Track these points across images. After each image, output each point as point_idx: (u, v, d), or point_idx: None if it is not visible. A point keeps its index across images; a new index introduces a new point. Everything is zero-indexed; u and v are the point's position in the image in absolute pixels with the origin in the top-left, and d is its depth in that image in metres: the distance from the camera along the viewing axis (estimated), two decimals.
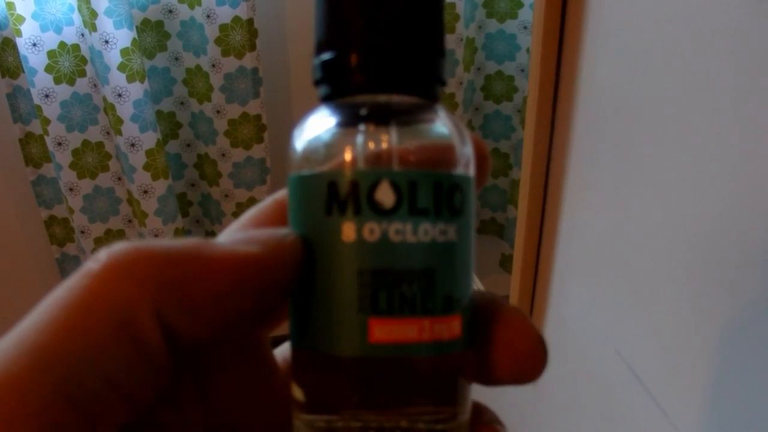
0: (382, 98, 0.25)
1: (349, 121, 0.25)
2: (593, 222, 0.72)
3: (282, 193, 0.27)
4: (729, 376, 0.50)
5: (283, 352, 0.29)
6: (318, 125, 0.25)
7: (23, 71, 1.31)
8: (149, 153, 1.36)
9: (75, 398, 0.19)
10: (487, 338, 0.25)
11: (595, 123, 0.70)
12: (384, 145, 0.24)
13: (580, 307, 0.78)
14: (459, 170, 0.25)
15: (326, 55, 0.25)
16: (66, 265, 1.55)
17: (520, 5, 1.43)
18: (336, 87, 0.25)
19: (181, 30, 1.37)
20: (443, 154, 0.25)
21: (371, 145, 0.24)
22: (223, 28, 1.31)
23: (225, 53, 1.34)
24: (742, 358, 0.48)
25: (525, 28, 1.46)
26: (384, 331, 0.23)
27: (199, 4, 1.31)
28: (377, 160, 0.24)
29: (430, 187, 0.23)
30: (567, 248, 0.80)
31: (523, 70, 1.51)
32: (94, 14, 1.22)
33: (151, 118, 1.35)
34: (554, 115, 0.79)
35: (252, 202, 1.48)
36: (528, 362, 0.24)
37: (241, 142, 1.43)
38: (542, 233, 0.87)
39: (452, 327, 0.24)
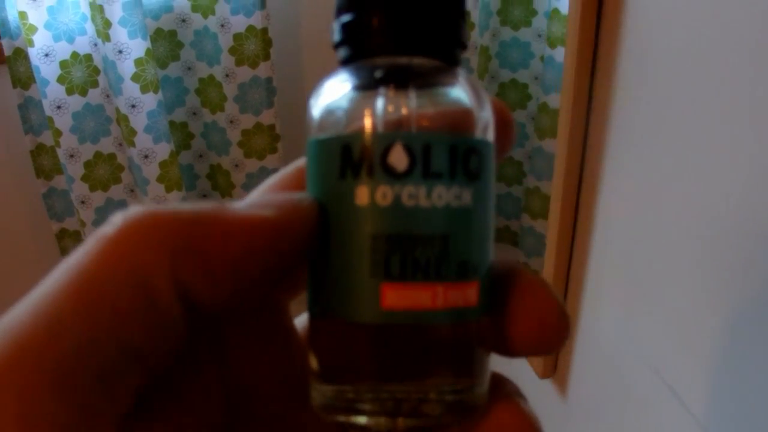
0: (401, 61, 0.25)
1: (366, 84, 0.25)
2: (627, 236, 0.71)
3: (304, 160, 0.26)
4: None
5: (303, 321, 0.28)
6: (334, 89, 0.25)
7: (35, 82, 1.29)
8: (163, 164, 1.35)
9: (91, 363, 0.19)
10: (506, 307, 0.24)
11: (628, 131, 0.70)
12: (401, 109, 0.24)
13: (613, 322, 0.76)
14: (477, 134, 0.24)
15: (345, 17, 0.25)
16: None
17: (534, 13, 1.41)
18: (354, 49, 0.25)
19: (194, 39, 1.36)
20: (461, 117, 0.24)
21: (388, 109, 0.24)
22: (237, 37, 1.30)
23: (239, 63, 1.32)
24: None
25: (539, 36, 1.44)
26: (396, 296, 0.22)
27: (213, 14, 1.30)
28: (392, 123, 0.23)
29: (445, 150, 0.23)
30: (599, 263, 0.79)
31: (536, 78, 1.49)
32: (108, 24, 1.21)
33: (165, 128, 1.34)
34: (587, 127, 0.78)
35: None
36: (548, 332, 0.24)
37: (254, 152, 1.42)
38: (573, 248, 0.86)
39: (468, 294, 0.23)
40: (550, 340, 0.24)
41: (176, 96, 1.41)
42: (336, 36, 0.25)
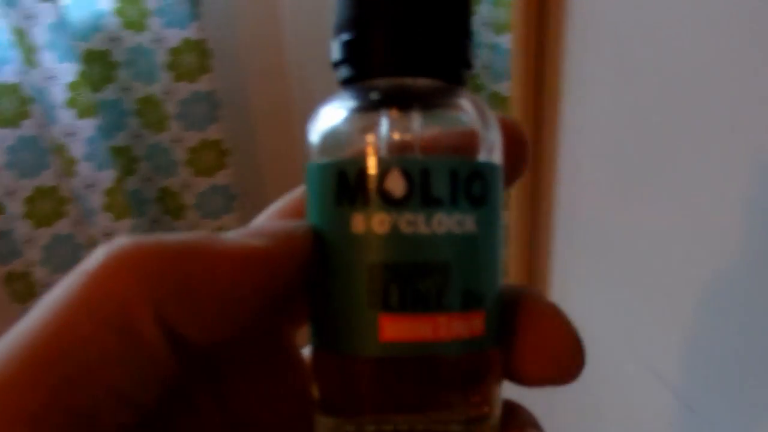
0: (403, 82, 0.24)
1: (366, 106, 0.24)
2: (589, 220, 0.73)
3: None
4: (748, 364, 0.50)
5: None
6: (333, 111, 0.24)
7: None
8: (108, 192, 1.29)
9: (72, 401, 0.18)
10: (518, 336, 0.24)
11: (582, 112, 0.70)
12: (402, 132, 0.23)
13: (582, 301, 0.78)
14: (481, 157, 0.24)
15: (345, 35, 0.24)
16: None
17: (479, 0, 1.40)
18: (354, 70, 0.24)
19: (128, 58, 1.30)
20: (464, 140, 0.24)
21: (388, 132, 0.23)
22: (173, 52, 1.26)
23: (178, 78, 1.28)
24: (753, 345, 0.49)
25: (485, 24, 1.43)
26: (396, 328, 0.22)
27: (146, 29, 1.25)
28: (393, 147, 0.23)
29: (445, 175, 0.22)
30: (564, 248, 0.80)
31: (486, 67, 1.48)
32: (33, 49, 1.15)
33: (106, 155, 1.28)
34: (540, 110, 0.78)
35: (221, 231, 1.42)
36: (563, 363, 0.23)
37: (203, 170, 1.38)
38: (536, 236, 0.86)
39: (473, 324, 0.23)
40: (565, 370, 0.23)
41: (115, 119, 1.35)
42: (335, 55, 0.25)
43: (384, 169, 0.22)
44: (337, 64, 0.25)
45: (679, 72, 0.52)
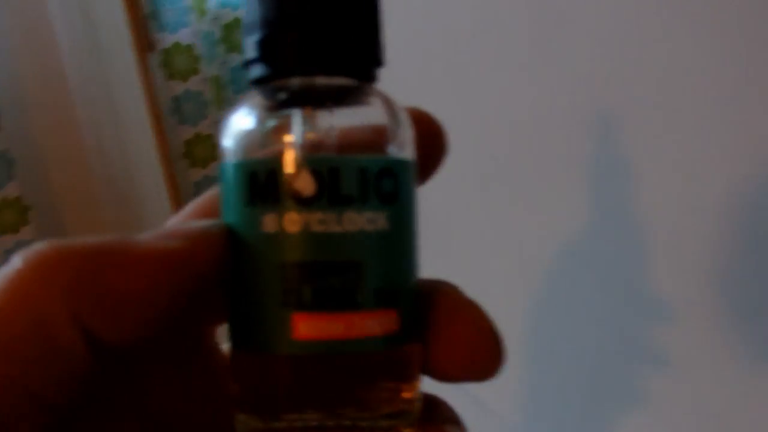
0: (313, 80, 0.24)
1: (275, 106, 0.24)
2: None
3: None
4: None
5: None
6: (244, 112, 0.24)
7: None
8: None
9: None
10: (434, 331, 0.23)
11: None
12: (313, 130, 0.23)
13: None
14: (392, 153, 0.24)
15: (255, 35, 0.24)
16: None
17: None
18: (264, 69, 0.24)
19: None
20: (373, 136, 0.24)
21: (299, 131, 0.23)
22: None
23: None
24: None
25: None
26: (309, 327, 0.22)
27: None
28: (303, 146, 0.23)
29: (354, 173, 0.22)
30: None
31: None
32: None
33: None
34: None
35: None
36: (480, 359, 0.23)
37: (6, 228, 1.35)
38: None
39: (386, 322, 0.22)
40: (484, 365, 0.23)
41: None
42: (246, 54, 0.24)
43: (293, 169, 0.22)
44: (247, 63, 0.24)
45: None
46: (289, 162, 0.22)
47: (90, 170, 1.45)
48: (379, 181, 0.23)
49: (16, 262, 0.20)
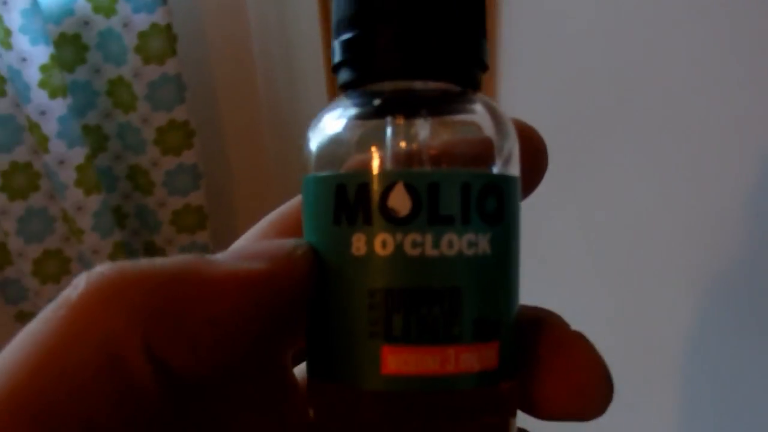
0: (409, 86, 0.22)
1: (369, 113, 0.22)
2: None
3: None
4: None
5: (302, 370, 0.25)
6: (333, 119, 0.22)
7: None
8: (79, 169, 1.35)
9: None
10: (539, 366, 0.21)
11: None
12: (408, 142, 0.21)
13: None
14: (497, 169, 0.22)
15: (346, 35, 0.22)
16: (7, 288, 1.52)
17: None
18: (356, 72, 0.22)
19: (99, 41, 1.36)
20: (477, 150, 0.22)
21: (391, 142, 0.21)
22: (141, 35, 1.31)
23: (146, 61, 1.33)
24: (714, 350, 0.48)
25: None
26: (399, 361, 0.20)
27: (115, 13, 1.31)
28: (399, 159, 0.21)
29: (456, 190, 0.20)
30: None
31: None
32: (8, 32, 1.21)
33: (78, 133, 1.34)
34: None
35: (187, 208, 1.48)
36: (590, 396, 0.21)
37: (170, 149, 1.42)
38: None
39: (486, 357, 0.20)
40: (592, 404, 0.21)
41: (87, 99, 1.41)
42: (335, 56, 0.22)
43: (387, 184, 0.20)
44: (337, 67, 0.23)
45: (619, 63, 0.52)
46: (382, 176, 0.20)
47: (257, 105, 1.50)
48: (483, 199, 0.20)
49: (80, 284, 0.18)
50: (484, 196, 0.20)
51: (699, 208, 0.45)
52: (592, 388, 0.21)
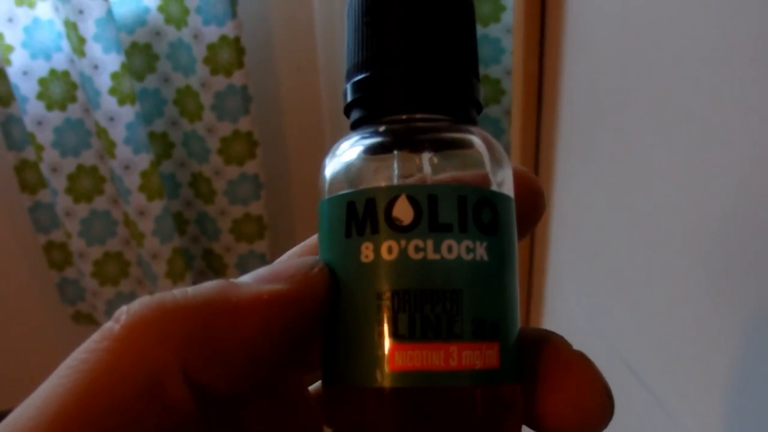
0: (413, 122, 0.24)
1: (377, 148, 0.24)
2: (585, 221, 0.72)
3: None
4: (732, 371, 0.49)
5: (317, 389, 0.27)
6: (345, 152, 0.24)
7: (15, 99, 1.32)
8: (143, 174, 1.37)
9: None
10: (542, 381, 0.22)
11: (580, 121, 0.70)
12: (413, 174, 0.23)
13: (576, 305, 0.77)
14: (492, 188, 0.23)
15: (355, 77, 0.24)
16: (65, 288, 1.55)
17: (503, 8, 1.44)
18: (365, 111, 0.24)
19: (169, 51, 1.38)
20: (474, 180, 0.23)
21: (397, 171, 0.23)
22: (210, 47, 1.32)
23: (214, 72, 1.35)
24: (743, 352, 0.47)
25: (508, 31, 1.47)
26: (406, 357, 0.21)
27: (186, 25, 1.32)
28: (400, 180, 0.23)
29: (453, 201, 0.22)
30: (560, 248, 0.80)
31: (508, 73, 1.52)
32: (82, 40, 1.23)
33: (144, 139, 1.36)
34: (540, 115, 0.80)
35: (247, 217, 1.49)
36: (591, 416, 0.22)
37: (234, 159, 1.44)
38: (533, 234, 0.87)
39: (487, 355, 0.22)
40: (592, 421, 0.22)
41: (155, 107, 1.44)
42: (346, 97, 0.25)
43: (391, 196, 0.22)
44: (348, 107, 0.25)
45: (674, 83, 0.52)
46: (387, 190, 0.22)
47: (320, 119, 1.51)
48: (479, 211, 0.22)
49: (122, 316, 0.20)
50: (479, 208, 0.22)
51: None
52: (594, 405, 0.22)
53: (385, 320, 0.21)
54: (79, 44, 1.24)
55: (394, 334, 0.21)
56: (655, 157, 0.56)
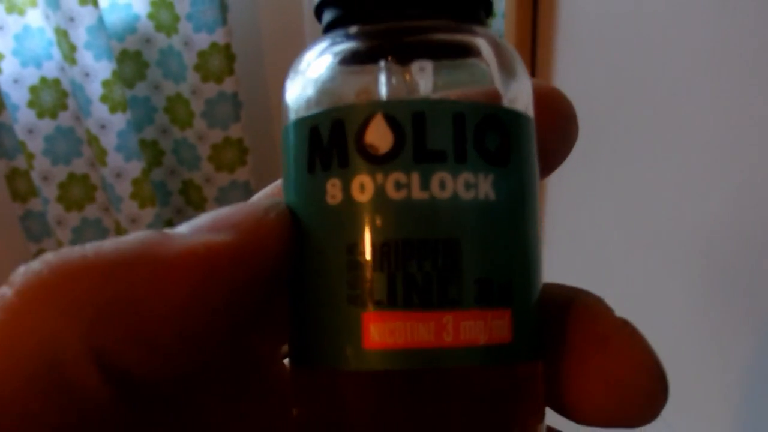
0: (402, 24, 0.18)
1: (355, 58, 0.19)
2: (579, 229, 0.73)
3: None
4: (724, 375, 0.49)
5: None
6: (314, 64, 0.19)
7: (5, 107, 1.32)
8: (135, 182, 1.37)
9: None
10: (573, 360, 0.17)
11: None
12: (403, 90, 0.18)
13: None
14: (502, 104, 0.18)
15: None
16: None
17: (494, 15, 1.44)
18: (339, 10, 0.19)
19: (159, 58, 1.39)
20: (478, 96, 0.18)
21: (384, 90, 0.18)
22: (200, 54, 1.32)
23: (204, 79, 1.35)
24: (737, 357, 0.46)
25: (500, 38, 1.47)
26: (384, 331, 0.16)
27: (176, 32, 1.33)
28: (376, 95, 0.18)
29: (447, 121, 0.16)
30: (553, 254, 0.80)
31: None
32: (73, 48, 1.24)
33: (135, 147, 1.36)
34: None
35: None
36: (634, 404, 0.17)
37: (224, 166, 1.44)
38: None
39: (495, 327, 0.16)
40: (640, 408, 0.17)
41: (145, 114, 1.44)
42: None
43: (364, 116, 0.17)
44: (318, 7, 0.19)
45: (674, 92, 0.51)
46: (358, 108, 0.17)
47: None
48: (482, 134, 0.17)
49: (17, 279, 0.15)
50: (483, 130, 0.17)
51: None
52: (639, 389, 0.17)
53: (358, 281, 0.16)
54: (69, 52, 1.25)
55: (370, 301, 0.16)
56: (649, 166, 0.56)
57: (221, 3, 1.29)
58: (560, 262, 0.79)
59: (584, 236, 0.71)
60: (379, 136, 0.16)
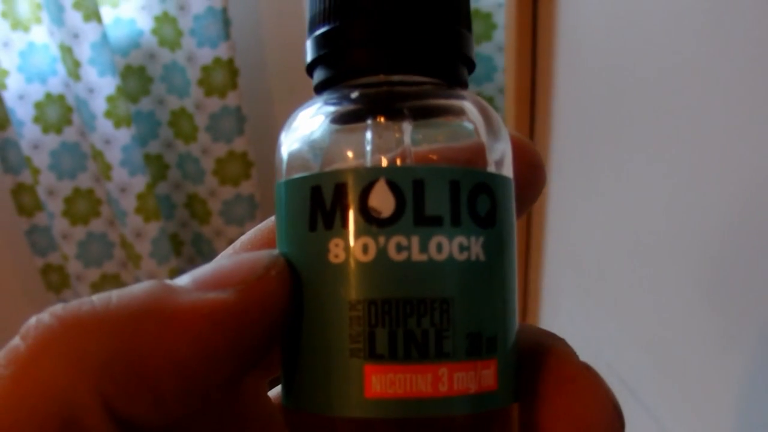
0: (391, 84, 0.19)
1: (347, 116, 0.20)
2: (580, 238, 0.73)
3: None
4: (722, 384, 0.49)
5: (278, 394, 0.23)
6: (307, 122, 0.20)
7: (11, 123, 1.33)
8: (139, 196, 1.38)
9: None
10: (542, 400, 0.19)
11: (573, 138, 0.71)
12: (391, 147, 0.19)
13: (571, 322, 0.77)
14: (489, 169, 0.19)
15: (319, 30, 0.20)
16: None
17: (495, 26, 1.45)
18: (331, 69, 0.20)
19: (163, 73, 1.39)
20: (468, 155, 0.19)
21: (372, 145, 0.19)
22: (204, 69, 1.33)
23: (208, 93, 1.35)
24: (735, 365, 0.47)
25: (500, 49, 1.48)
26: (384, 382, 0.17)
27: (180, 47, 1.33)
28: (377, 160, 0.19)
29: (444, 187, 0.18)
30: (555, 264, 0.81)
31: (501, 91, 1.53)
32: (77, 64, 1.25)
33: (139, 161, 1.37)
34: (532, 133, 0.80)
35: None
36: None
37: (229, 179, 1.45)
38: (529, 250, 0.88)
39: (483, 376, 0.18)
40: None
41: (150, 129, 1.45)
42: (308, 55, 0.20)
43: (367, 181, 0.17)
44: (311, 66, 0.20)
45: (673, 100, 0.51)
46: (362, 173, 0.18)
47: None
48: (474, 199, 0.18)
49: (29, 332, 0.16)
50: (475, 195, 0.18)
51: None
52: (602, 426, 0.18)
53: (360, 336, 0.17)
54: (74, 68, 1.26)
55: (371, 354, 0.17)
56: (649, 174, 0.56)
57: (224, 18, 1.30)
58: (560, 263, 0.79)
59: (584, 237, 0.71)
60: (381, 200, 0.17)
